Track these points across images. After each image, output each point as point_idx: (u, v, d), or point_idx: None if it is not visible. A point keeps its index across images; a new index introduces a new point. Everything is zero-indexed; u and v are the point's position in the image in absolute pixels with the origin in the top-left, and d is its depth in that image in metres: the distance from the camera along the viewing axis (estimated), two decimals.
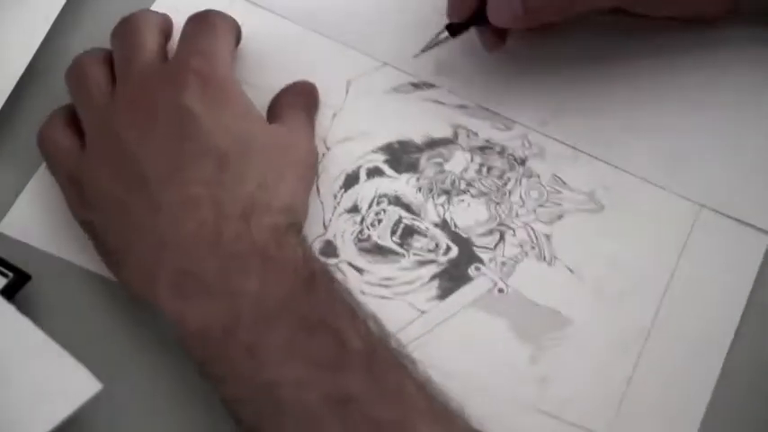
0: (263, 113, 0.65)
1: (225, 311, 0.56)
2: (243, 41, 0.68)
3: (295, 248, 0.58)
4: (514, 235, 0.64)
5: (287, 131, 0.64)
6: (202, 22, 0.65)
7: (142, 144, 0.60)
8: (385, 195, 0.65)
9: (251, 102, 0.63)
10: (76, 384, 0.56)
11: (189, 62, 0.62)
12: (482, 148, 0.66)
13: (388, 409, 0.54)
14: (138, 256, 0.59)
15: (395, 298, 0.62)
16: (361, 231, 0.64)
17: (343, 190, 0.65)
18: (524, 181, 0.65)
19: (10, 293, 0.60)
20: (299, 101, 0.66)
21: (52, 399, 0.56)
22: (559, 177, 0.65)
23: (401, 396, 0.55)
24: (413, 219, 0.64)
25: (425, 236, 0.64)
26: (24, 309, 0.58)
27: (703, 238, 0.63)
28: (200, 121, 0.60)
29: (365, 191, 0.65)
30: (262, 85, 0.67)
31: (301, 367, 0.55)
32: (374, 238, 0.64)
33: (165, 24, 0.66)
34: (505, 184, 0.65)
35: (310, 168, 0.64)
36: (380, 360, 0.55)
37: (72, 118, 0.64)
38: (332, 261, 0.63)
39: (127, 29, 0.65)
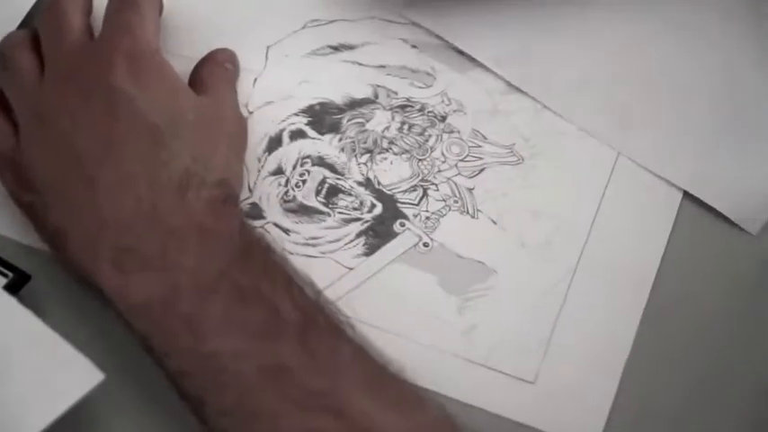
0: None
1: (164, 285, 0.57)
2: (164, 12, 0.68)
3: (231, 220, 0.59)
4: (437, 190, 0.65)
5: (214, 103, 0.64)
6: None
7: (76, 126, 0.60)
8: (308, 157, 0.65)
9: (179, 76, 0.63)
10: (79, 375, 0.55)
11: (115, 40, 0.62)
12: (403, 107, 0.67)
13: (321, 379, 0.54)
14: (78, 234, 0.59)
15: (322, 256, 0.63)
16: (286, 193, 0.65)
17: (267, 153, 0.66)
18: (445, 137, 0.66)
19: (10, 293, 0.59)
20: (219, 71, 0.66)
21: (55, 390, 0.55)
22: (479, 132, 0.66)
23: (335, 365, 0.55)
24: (337, 178, 0.65)
25: (350, 194, 0.64)
26: None
27: (623, 179, 0.64)
28: (132, 99, 0.60)
29: (289, 153, 0.66)
30: (186, 54, 0.67)
31: (238, 338, 0.55)
32: (299, 198, 0.64)
33: (87, 2, 0.66)
34: (427, 140, 0.66)
35: (241, 138, 0.65)
36: (315, 328, 0.56)
37: (1, 102, 0.64)
38: (258, 223, 0.64)
39: (52, 10, 0.64)
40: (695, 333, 0.61)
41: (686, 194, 0.64)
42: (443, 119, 0.66)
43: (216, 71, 0.66)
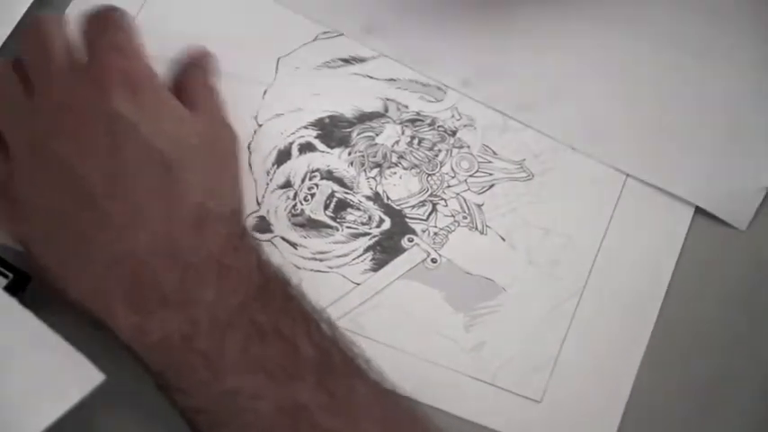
0: None
1: (183, 321, 0.55)
2: (174, 23, 0.68)
3: (249, 255, 0.58)
4: (446, 205, 0.64)
5: (209, 122, 0.62)
6: (106, 19, 0.62)
7: (76, 154, 0.58)
8: (317, 170, 0.65)
9: (176, 99, 0.61)
10: (79, 375, 0.55)
11: (110, 61, 0.60)
12: (413, 121, 0.66)
13: (338, 419, 0.54)
14: (87, 272, 0.57)
15: (329, 271, 0.63)
16: (294, 206, 0.64)
17: (275, 166, 0.65)
18: (455, 152, 0.66)
19: (10, 294, 0.58)
20: (202, 78, 0.64)
21: (55, 390, 0.55)
22: (489, 147, 0.66)
23: (352, 405, 0.55)
24: (345, 192, 0.65)
25: (358, 209, 0.64)
26: None
27: (631, 205, 0.64)
28: (135, 126, 0.58)
29: (297, 166, 0.65)
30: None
31: (257, 376, 0.55)
32: (307, 212, 0.64)
33: (66, 25, 0.63)
34: (436, 155, 0.66)
35: (237, 156, 0.62)
36: (332, 367, 0.55)
37: None
38: (265, 236, 0.63)
39: (34, 34, 0.62)
40: (705, 352, 0.60)
41: (697, 212, 0.64)
42: (453, 133, 0.66)
43: (198, 79, 0.64)
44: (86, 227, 0.57)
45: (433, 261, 0.63)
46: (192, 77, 0.64)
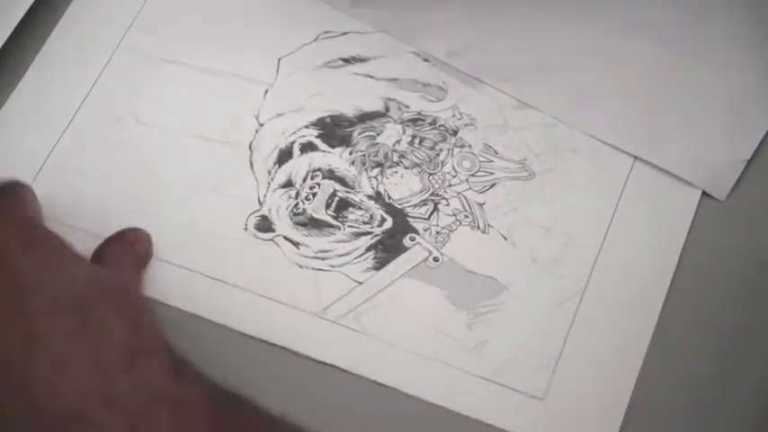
0: None
1: None
2: (180, 23, 0.69)
3: (196, 384, 0.53)
4: (448, 204, 0.64)
5: (115, 272, 0.60)
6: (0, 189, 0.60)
7: None
8: (319, 169, 0.65)
9: (73, 247, 0.57)
10: None
11: (2, 228, 0.56)
12: (414, 120, 0.67)
13: None
14: None
15: (331, 270, 0.63)
16: (296, 205, 0.64)
17: (277, 165, 0.65)
18: (456, 151, 0.66)
19: None
20: (120, 251, 0.62)
21: None
22: (491, 146, 0.66)
23: None
24: (347, 192, 0.65)
25: (360, 208, 0.64)
26: None
27: (635, 196, 0.64)
28: (39, 280, 0.54)
29: (299, 166, 0.65)
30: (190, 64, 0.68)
31: None
32: (309, 211, 0.64)
33: None
34: (438, 154, 0.66)
35: (150, 311, 0.58)
36: None
37: None
38: (267, 236, 0.63)
39: None
40: (708, 349, 0.60)
41: (698, 213, 0.64)
42: (455, 133, 0.66)
43: (120, 254, 0.62)
44: (11, 395, 0.52)
45: (435, 260, 0.63)
46: (115, 248, 0.62)
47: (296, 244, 0.63)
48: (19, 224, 0.57)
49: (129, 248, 0.62)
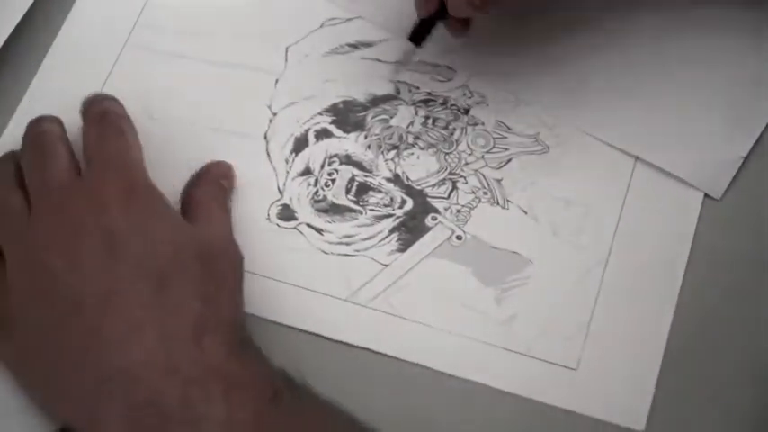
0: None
1: None
2: (181, 17, 0.69)
3: (253, 364, 0.55)
4: (466, 182, 0.65)
5: (210, 236, 0.60)
6: (105, 124, 0.62)
7: (70, 269, 0.56)
8: (336, 155, 0.66)
9: (173, 209, 0.60)
10: None
11: (106, 176, 0.59)
12: (425, 101, 0.67)
13: None
14: (76, 391, 0.54)
15: (357, 255, 0.63)
16: (316, 193, 0.65)
17: (294, 154, 0.66)
18: (470, 129, 0.66)
19: None
20: (212, 190, 0.63)
21: None
22: (503, 123, 0.66)
23: None
24: (365, 176, 0.65)
25: (380, 191, 0.65)
26: None
27: (649, 169, 0.64)
28: (129, 240, 0.57)
29: (316, 153, 0.66)
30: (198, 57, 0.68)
31: None
32: (330, 197, 0.65)
33: (65, 131, 0.63)
34: (452, 134, 0.66)
35: (239, 268, 0.60)
36: None
37: None
38: (290, 224, 0.64)
39: (35, 146, 0.62)
40: (734, 309, 0.61)
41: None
42: (467, 111, 0.67)
43: (206, 195, 0.63)
44: (75, 342, 0.55)
45: (458, 238, 0.63)
46: (204, 191, 0.63)
47: (319, 231, 0.64)
48: (123, 174, 0.59)
49: (217, 186, 0.63)
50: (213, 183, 0.64)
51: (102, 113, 0.63)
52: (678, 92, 0.66)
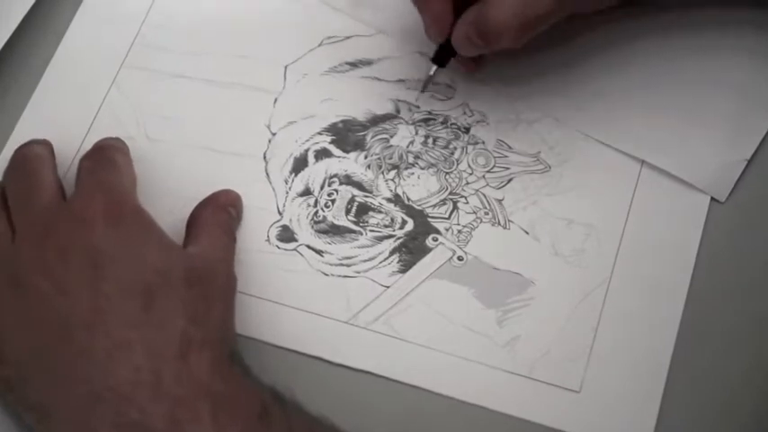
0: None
1: None
2: (179, 33, 0.69)
3: (241, 381, 0.55)
4: (467, 202, 0.64)
5: (203, 257, 0.60)
6: (98, 155, 0.62)
7: (57, 290, 0.56)
8: (335, 176, 0.65)
9: (162, 231, 0.60)
10: None
11: (92, 198, 0.59)
12: (425, 120, 0.66)
13: None
14: (67, 411, 0.54)
15: (357, 276, 0.62)
16: (315, 213, 0.64)
17: (293, 174, 0.65)
18: (470, 149, 0.66)
19: None
20: (219, 216, 0.63)
21: None
22: (504, 142, 0.66)
23: None
24: (365, 196, 0.65)
25: (380, 212, 0.64)
26: None
27: (650, 188, 0.64)
28: (115, 258, 0.57)
29: (315, 173, 0.65)
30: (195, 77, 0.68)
31: None
32: (330, 218, 0.64)
33: (53, 156, 0.63)
34: (452, 153, 0.66)
35: (231, 293, 0.60)
36: None
37: None
38: (290, 246, 0.63)
39: (20, 169, 0.62)
40: (737, 331, 0.61)
41: (714, 198, 0.64)
42: (467, 130, 0.66)
43: (215, 217, 0.63)
44: (66, 363, 0.55)
45: (460, 259, 0.63)
46: (208, 213, 0.63)
47: (320, 252, 0.63)
48: (110, 197, 0.59)
49: (223, 211, 0.63)
50: (220, 208, 0.63)
51: (99, 147, 0.63)
52: (682, 95, 0.66)
